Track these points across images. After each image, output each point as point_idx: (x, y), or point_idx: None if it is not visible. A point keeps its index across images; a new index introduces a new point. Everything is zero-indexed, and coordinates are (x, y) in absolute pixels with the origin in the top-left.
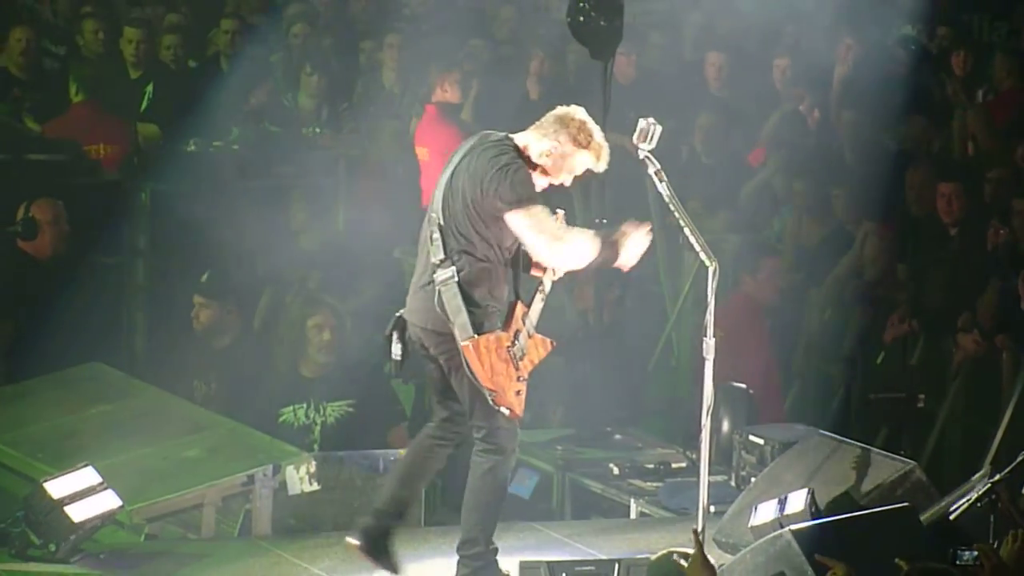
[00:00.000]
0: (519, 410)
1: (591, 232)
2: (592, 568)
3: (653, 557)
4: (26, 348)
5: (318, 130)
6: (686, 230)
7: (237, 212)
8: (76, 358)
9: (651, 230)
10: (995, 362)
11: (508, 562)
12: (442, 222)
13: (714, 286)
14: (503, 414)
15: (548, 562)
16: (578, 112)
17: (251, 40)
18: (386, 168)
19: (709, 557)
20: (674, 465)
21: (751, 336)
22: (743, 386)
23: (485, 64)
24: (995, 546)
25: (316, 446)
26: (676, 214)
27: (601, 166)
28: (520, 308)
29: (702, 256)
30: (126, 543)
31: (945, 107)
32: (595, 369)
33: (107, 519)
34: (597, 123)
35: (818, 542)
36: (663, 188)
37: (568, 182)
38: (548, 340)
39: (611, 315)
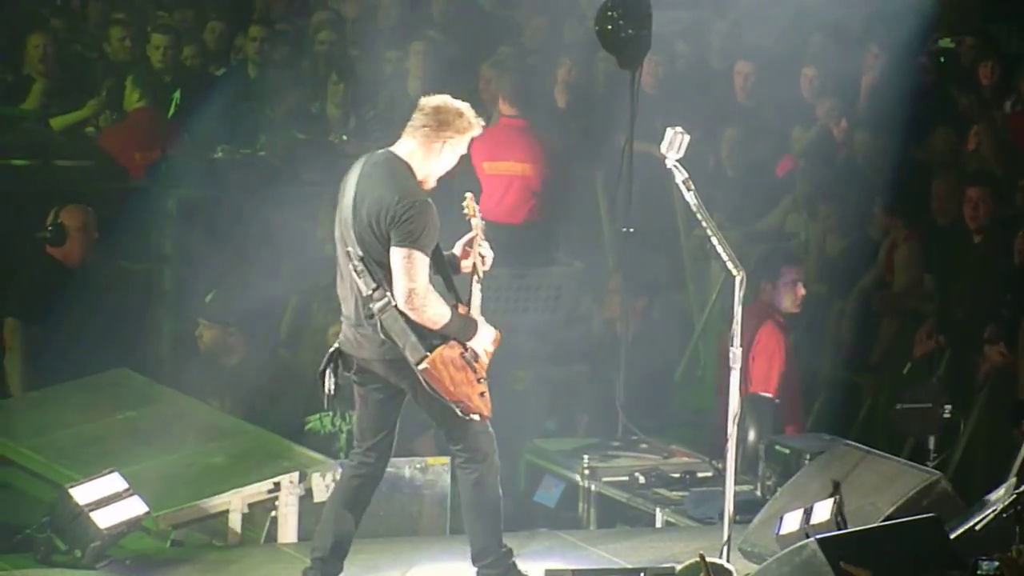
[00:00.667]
0: (487, 411)
1: (449, 310)
2: None
3: (679, 567)
4: (52, 353)
5: (345, 138)
6: (713, 239)
7: (264, 219)
8: (102, 364)
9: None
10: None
11: (534, 569)
12: (362, 253)
13: (741, 296)
14: (475, 420)
15: (574, 570)
16: (448, 101)
17: (279, 47)
18: None
19: (730, 567)
20: (700, 474)
21: (768, 344)
22: (769, 396)
23: (513, 72)
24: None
25: (342, 454)
26: (704, 223)
27: (479, 133)
28: (461, 310)
29: (729, 266)
30: (152, 549)
31: (967, 120)
32: (621, 378)
33: (133, 525)
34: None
35: (843, 552)
36: (691, 197)
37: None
38: (495, 332)
39: (638, 325)
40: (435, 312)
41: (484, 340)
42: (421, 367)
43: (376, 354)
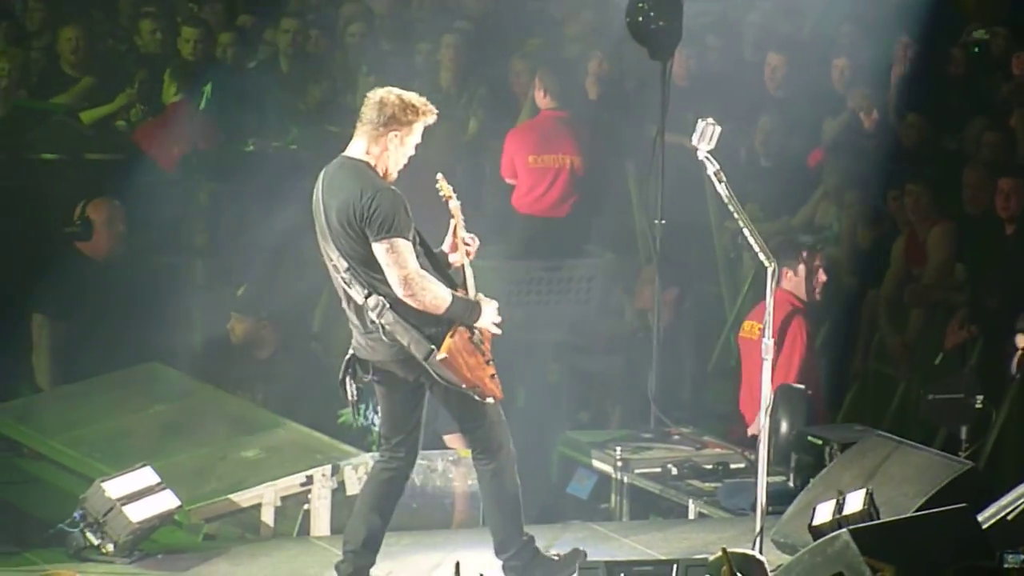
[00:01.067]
0: (499, 392)
1: (449, 292)
2: (650, 568)
3: (711, 557)
4: (84, 348)
5: None
6: (745, 231)
7: (296, 212)
8: (134, 358)
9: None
10: None
11: None
12: (346, 263)
13: (772, 287)
14: (490, 407)
15: (607, 562)
16: (388, 93)
17: (310, 40)
18: (445, 170)
19: (761, 557)
20: (732, 465)
21: (789, 332)
22: (801, 387)
23: (547, 63)
24: None
25: (374, 447)
26: (735, 215)
27: (432, 120)
28: (459, 292)
29: (761, 257)
30: (184, 543)
31: (1006, 107)
32: (654, 370)
33: (165, 519)
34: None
35: (876, 543)
36: (722, 189)
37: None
38: (495, 303)
39: (670, 316)
40: (435, 295)
41: (490, 316)
42: (440, 358)
43: (389, 355)
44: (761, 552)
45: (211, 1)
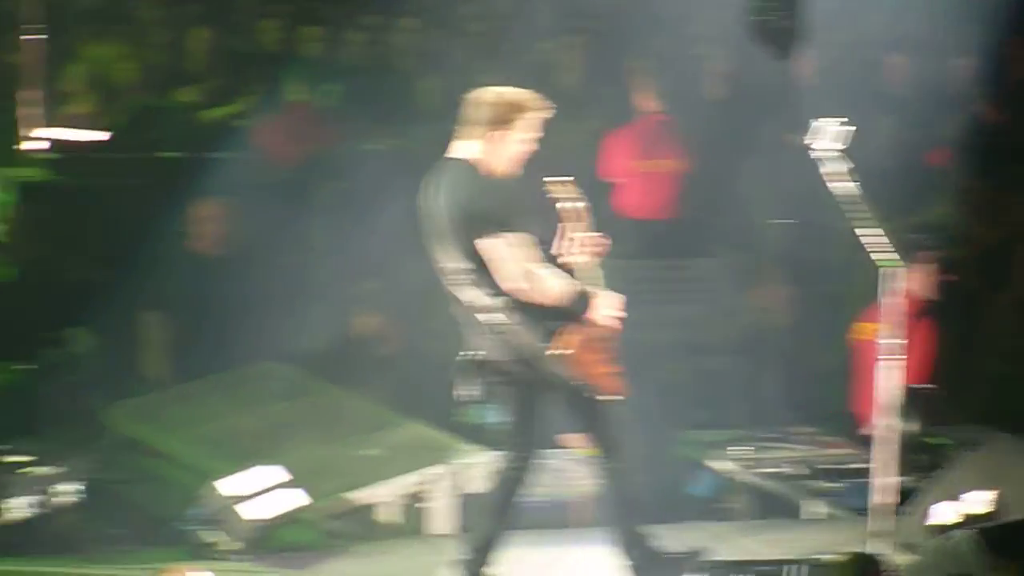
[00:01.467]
0: (620, 390)
1: (564, 283)
2: (771, 568)
3: (832, 558)
4: (197, 347)
5: None
6: (866, 230)
7: (415, 211)
8: (251, 356)
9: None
10: None
11: None
12: (458, 265)
13: (893, 288)
14: (608, 406)
15: (727, 562)
16: (486, 92)
17: (430, 40)
18: (564, 171)
19: (884, 558)
20: (853, 466)
21: (909, 333)
22: (924, 387)
23: (657, 65)
24: None
25: (494, 445)
26: (857, 214)
27: (539, 114)
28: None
29: (881, 257)
30: (305, 541)
31: None
32: (773, 368)
33: (286, 517)
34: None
35: (999, 542)
36: (845, 188)
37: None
38: (614, 295)
39: (790, 315)
40: (549, 285)
41: (609, 308)
42: (556, 354)
43: (505, 355)
44: (882, 553)
45: (332, 0)
